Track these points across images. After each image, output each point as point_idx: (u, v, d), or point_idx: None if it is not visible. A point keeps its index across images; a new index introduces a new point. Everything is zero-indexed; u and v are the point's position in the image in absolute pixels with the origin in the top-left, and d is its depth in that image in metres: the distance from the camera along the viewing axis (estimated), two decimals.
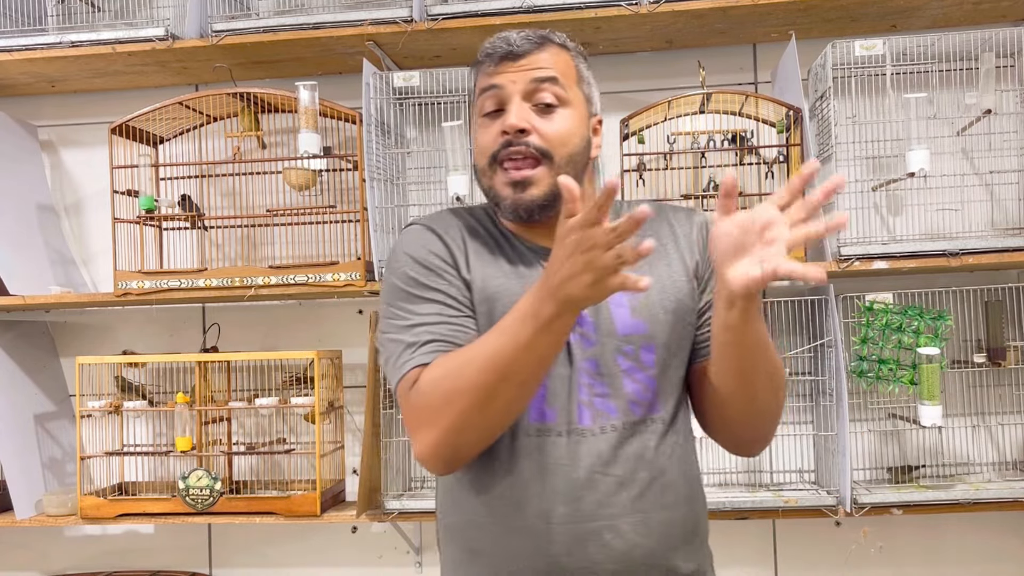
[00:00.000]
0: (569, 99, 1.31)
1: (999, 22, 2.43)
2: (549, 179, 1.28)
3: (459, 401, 1.16)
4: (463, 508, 1.31)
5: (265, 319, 2.67)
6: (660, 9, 2.23)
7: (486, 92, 1.32)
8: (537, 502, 1.25)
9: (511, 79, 1.30)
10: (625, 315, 1.30)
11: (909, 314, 2.18)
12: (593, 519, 1.24)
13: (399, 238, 1.36)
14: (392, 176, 2.41)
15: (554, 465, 1.25)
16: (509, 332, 1.13)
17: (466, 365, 1.16)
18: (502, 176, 1.30)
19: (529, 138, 1.28)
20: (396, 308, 1.28)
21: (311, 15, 2.36)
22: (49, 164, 2.78)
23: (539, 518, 1.25)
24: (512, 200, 1.29)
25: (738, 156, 2.42)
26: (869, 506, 2.17)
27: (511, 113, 1.29)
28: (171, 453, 2.44)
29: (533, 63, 1.31)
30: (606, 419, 1.27)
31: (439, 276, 1.29)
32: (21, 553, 2.74)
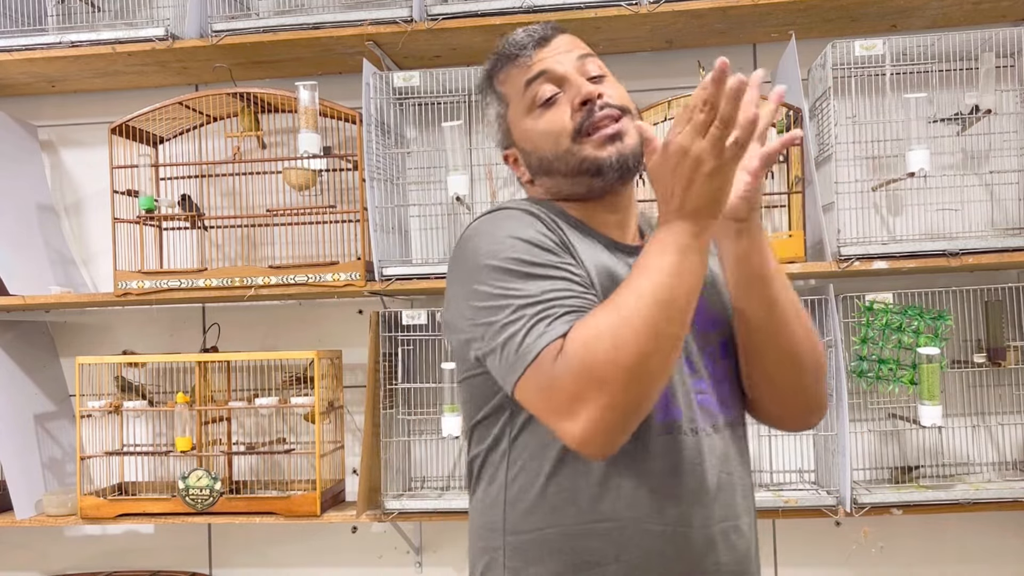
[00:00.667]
0: (606, 71, 1.31)
1: (999, 22, 2.43)
2: (634, 133, 1.24)
3: (627, 350, 1.01)
4: (569, 516, 1.17)
5: (265, 319, 2.67)
6: (660, 9, 2.23)
7: (536, 79, 1.26)
8: (674, 504, 1.17)
9: (556, 60, 1.27)
10: (701, 310, 1.19)
11: (909, 314, 2.18)
12: (723, 520, 1.20)
13: (489, 222, 1.22)
14: (392, 176, 2.41)
15: (688, 465, 1.18)
16: (652, 266, 1.05)
17: (619, 313, 1.03)
18: (593, 140, 1.23)
19: (607, 99, 1.24)
20: (507, 290, 1.12)
21: (311, 15, 2.36)
22: (49, 164, 2.78)
23: (678, 521, 1.17)
24: (616, 152, 1.22)
25: None
26: (869, 506, 2.17)
27: (578, 85, 1.25)
28: (171, 453, 2.44)
29: (564, 45, 1.30)
30: (713, 418, 1.22)
31: (557, 256, 1.16)
32: (21, 553, 2.74)
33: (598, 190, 1.27)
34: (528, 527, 1.20)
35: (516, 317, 1.10)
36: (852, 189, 2.25)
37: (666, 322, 1.03)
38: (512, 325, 1.10)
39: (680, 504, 1.17)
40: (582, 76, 1.26)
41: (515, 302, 1.11)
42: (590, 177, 1.24)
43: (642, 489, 1.16)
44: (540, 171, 1.29)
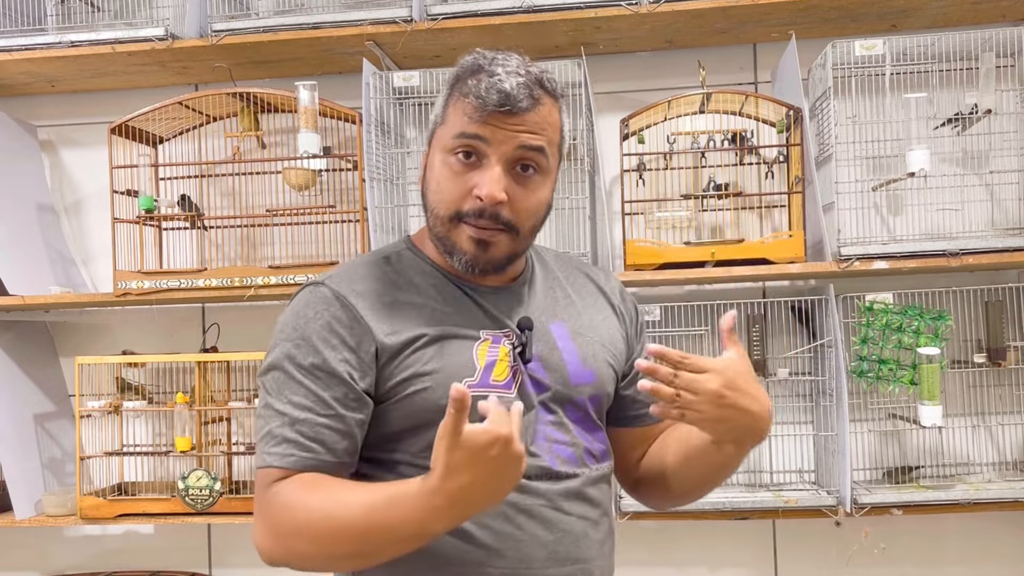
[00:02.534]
0: (548, 168, 1.26)
1: (999, 22, 2.43)
2: (511, 247, 1.25)
3: (306, 544, 1.15)
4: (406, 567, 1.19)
5: (265, 319, 2.66)
6: (660, 9, 2.23)
7: (466, 139, 1.22)
8: (514, 546, 1.21)
9: (499, 137, 1.21)
10: (577, 364, 1.30)
11: (909, 314, 2.18)
12: (571, 562, 1.24)
13: (297, 298, 1.31)
14: (392, 176, 2.41)
15: (533, 508, 1.22)
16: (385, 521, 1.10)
17: (326, 520, 1.13)
18: (465, 231, 1.23)
19: (502, 210, 1.21)
20: (271, 383, 1.25)
21: (311, 15, 2.36)
22: (49, 164, 2.78)
23: (519, 562, 1.21)
24: (471, 256, 1.24)
25: (738, 156, 2.42)
26: (869, 506, 2.17)
27: (491, 180, 1.20)
28: (171, 453, 2.44)
29: (525, 124, 1.21)
30: (571, 466, 1.26)
31: (323, 359, 1.22)
32: (21, 553, 2.74)
33: (460, 268, 1.28)
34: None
35: (264, 416, 1.23)
36: (852, 189, 2.25)
37: (353, 559, 1.17)
38: (260, 420, 1.24)
39: (520, 546, 1.21)
40: (509, 165, 1.22)
41: (269, 399, 1.24)
42: (444, 250, 1.28)
43: (482, 533, 1.20)
44: (424, 202, 1.30)
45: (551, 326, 1.31)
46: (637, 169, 2.36)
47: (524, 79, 1.21)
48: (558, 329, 1.31)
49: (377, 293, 1.26)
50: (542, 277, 1.38)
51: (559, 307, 1.35)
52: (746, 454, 1.25)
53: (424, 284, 1.29)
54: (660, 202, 2.37)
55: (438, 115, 1.28)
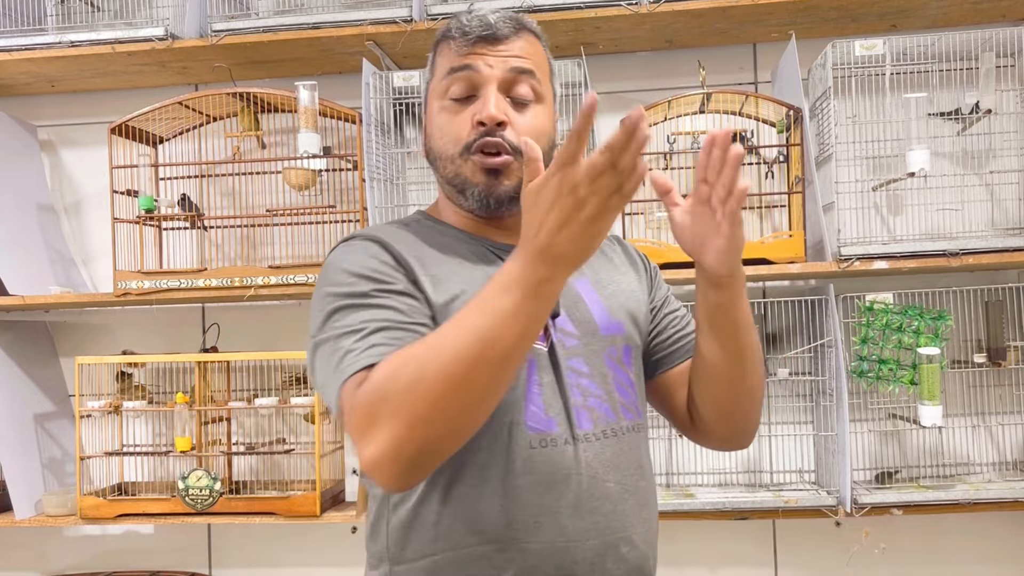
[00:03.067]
0: (543, 95, 1.26)
1: (999, 22, 2.43)
2: (520, 173, 1.21)
3: (427, 386, 0.97)
4: (447, 542, 1.16)
5: (265, 319, 2.67)
6: (660, 9, 2.23)
7: (457, 72, 1.22)
8: (552, 519, 1.15)
9: (488, 63, 1.22)
10: (604, 314, 1.26)
11: (909, 314, 2.18)
12: (611, 532, 1.18)
13: (335, 253, 1.23)
14: (392, 176, 2.41)
15: (564, 476, 1.16)
16: (487, 304, 0.98)
17: (433, 348, 0.99)
18: (474, 162, 1.21)
19: (505, 132, 1.20)
20: (333, 322, 1.13)
21: (311, 15, 2.36)
22: (49, 164, 2.78)
23: (558, 535, 1.15)
24: (484, 187, 1.22)
25: None
26: (869, 506, 2.17)
27: (488, 102, 1.20)
28: (171, 453, 2.44)
29: (511, 50, 1.23)
30: (605, 423, 1.20)
31: (386, 284, 1.16)
32: (21, 553, 2.74)
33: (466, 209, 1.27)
34: (413, 555, 1.21)
35: (334, 347, 1.10)
36: (852, 189, 2.25)
37: (481, 367, 0.97)
38: (328, 356, 1.11)
39: (558, 518, 1.15)
40: (502, 92, 1.22)
41: (334, 333, 1.11)
42: (456, 192, 1.25)
43: (516, 506, 1.14)
44: (430, 157, 1.29)
45: (574, 282, 1.27)
46: None
47: (502, 14, 1.25)
48: (580, 283, 1.28)
49: (410, 247, 1.23)
50: None
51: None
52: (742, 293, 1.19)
53: (450, 244, 1.26)
54: (660, 202, 2.37)
55: (429, 71, 1.29)
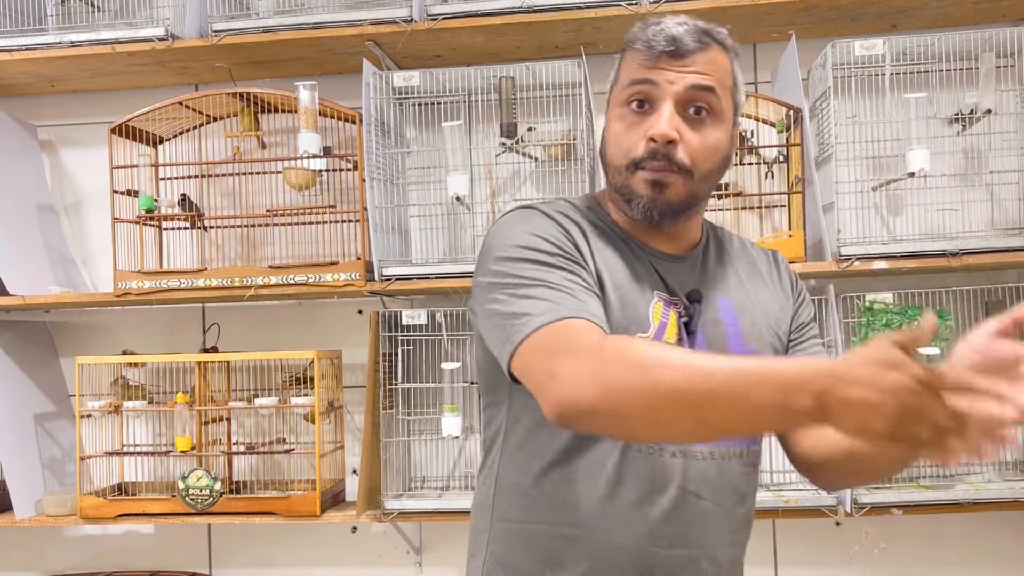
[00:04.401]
0: (722, 111, 1.26)
1: (999, 22, 2.43)
2: (685, 188, 1.24)
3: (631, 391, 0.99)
4: (547, 515, 1.23)
5: (265, 319, 2.67)
6: (660, 9, 2.23)
7: (637, 85, 1.24)
8: (643, 522, 1.20)
9: (668, 78, 1.22)
10: (738, 339, 1.27)
11: (909, 314, 2.18)
12: (697, 546, 1.22)
13: (509, 218, 1.26)
14: (392, 176, 2.41)
15: (665, 485, 1.20)
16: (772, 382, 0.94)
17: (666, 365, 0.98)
18: (641, 175, 1.23)
19: (675, 150, 1.21)
20: (523, 274, 1.15)
21: (311, 15, 2.36)
22: (49, 164, 2.78)
23: (645, 537, 1.20)
24: (649, 199, 1.23)
25: (738, 156, 2.42)
26: (869, 506, 2.17)
27: (662, 119, 1.21)
28: (171, 453, 2.44)
29: (694, 65, 1.23)
30: (715, 445, 1.23)
31: (564, 255, 1.20)
32: (21, 553, 2.74)
33: (630, 214, 1.27)
34: (513, 517, 1.27)
35: (520, 295, 1.13)
36: (852, 189, 2.25)
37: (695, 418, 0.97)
38: (514, 301, 1.13)
39: (651, 523, 1.20)
40: (681, 106, 1.23)
41: (523, 281, 1.14)
42: (623, 200, 1.26)
43: (618, 502, 1.20)
44: (603, 160, 1.31)
45: (718, 301, 1.29)
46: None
47: (690, 26, 1.25)
48: (724, 305, 1.29)
49: (579, 227, 1.26)
50: (715, 252, 1.36)
51: (728, 283, 1.32)
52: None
53: (606, 235, 1.29)
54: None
55: (613, 77, 1.32)
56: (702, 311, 1.26)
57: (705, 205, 1.33)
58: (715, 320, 1.27)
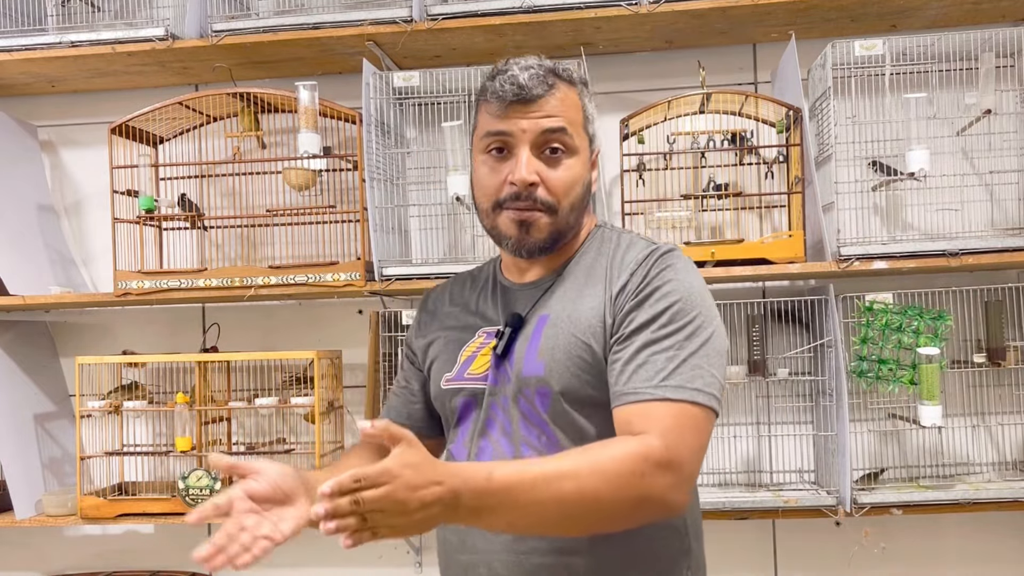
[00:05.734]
0: (576, 147, 1.34)
1: (999, 22, 2.43)
2: (552, 226, 1.33)
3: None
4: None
5: (265, 319, 2.67)
6: (660, 9, 2.23)
7: (493, 136, 1.33)
8: (442, 532, 1.38)
9: (521, 127, 1.31)
10: (532, 356, 1.31)
11: (909, 314, 2.18)
12: (475, 552, 1.32)
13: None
14: (392, 176, 2.41)
15: None
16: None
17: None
18: (507, 216, 1.33)
19: (536, 191, 1.31)
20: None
21: (311, 15, 2.36)
22: (49, 164, 2.78)
23: (442, 543, 1.39)
24: (516, 239, 1.33)
25: (738, 156, 2.42)
26: (869, 506, 2.17)
27: (520, 165, 1.30)
28: (171, 453, 2.44)
29: (543, 109, 1.31)
30: (502, 458, 1.30)
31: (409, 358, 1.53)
32: (21, 553, 2.74)
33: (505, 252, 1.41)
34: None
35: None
36: (852, 189, 2.25)
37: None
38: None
39: (446, 531, 1.37)
40: (537, 149, 1.31)
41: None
42: (495, 241, 1.39)
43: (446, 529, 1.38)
44: (473, 202, 1.41)
45: (538, 319, 1.34)
46: (637, 169, 2.36)
47: (536, 70, 1.32)
48: (541, 321, 1.34)
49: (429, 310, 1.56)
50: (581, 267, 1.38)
51: (564, 298, 1.35)
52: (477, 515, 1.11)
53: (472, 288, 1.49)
54: (660, 202, 2.37)
55: (472, 124, 1.41)
56: (522, 333, 1.34)
57: (578, 230, 1.40)
58: (527, 336, 1.33)
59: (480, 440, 1.33)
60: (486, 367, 1.34)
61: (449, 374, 1.39)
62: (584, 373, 1.28)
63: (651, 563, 1.31)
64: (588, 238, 1.42)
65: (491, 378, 1.34)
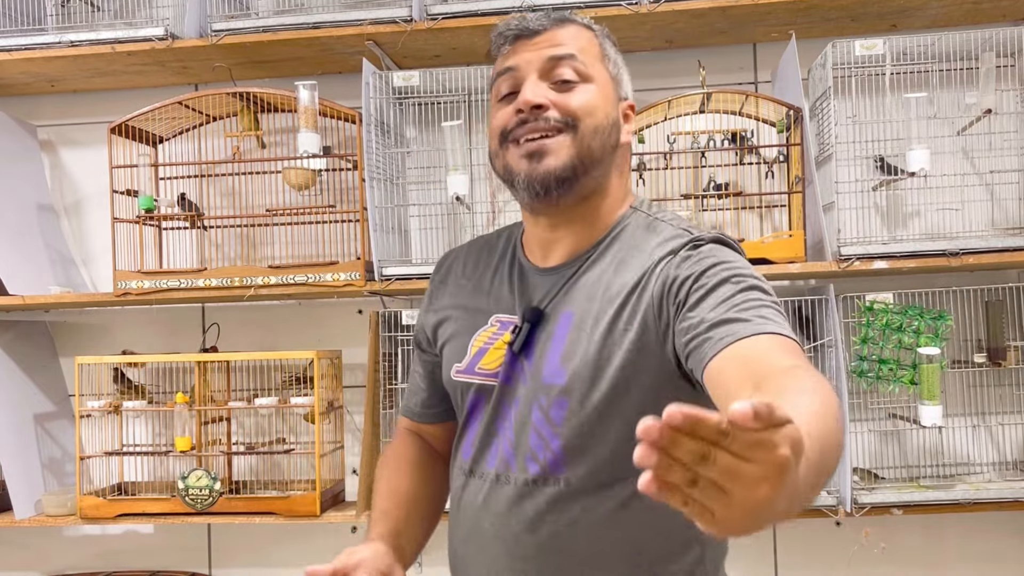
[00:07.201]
0: (591, 75, 1.20)
1: (999, 22, 2.43)
2: (570, 148, 1.16)
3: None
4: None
5: (265, 319, 2.66)
6: (660, 9, 2.23)
7: (501, 76, 1.23)
8: (451, 536, 1.32)
9: (526, 59, 1.20)
10: (555, 362, 1.18)
11: (909, 314, 2.18)
12: (482, 566, 1.25)
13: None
14: (392, 176, 2.41)
15: (466, 506, 1.27)
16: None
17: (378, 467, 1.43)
18: (515, 150, 1.19)
19: (548, 113, 1.17)
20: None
21: (311, 15, 2.36)
22: (49, 164, 2.77)
23: (451, 553, 1.32)
24: (527, 173, 1.17)
25: (738, 156, 2.42)
26: (869, 506, 2.17)
27: (526, 90, 1.18)
28: (171, 453, 2.44)
29: (550, 40, 1.20)
30: (504, 467, 1.21)
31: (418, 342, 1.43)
32: (21, 553, 2.74)
33: (523, 204, 1.25)
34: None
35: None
36: (852, 189, 2.25)
37: None
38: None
39: (453, 539, 1.31)
40: (546, 79, 1.19)
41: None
42: (510, 185, 1.23)
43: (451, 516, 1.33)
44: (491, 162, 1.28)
45: (562, 315, 1.20)
46: (637, 169, 2.36)
47: (545, 11, 1.27)
48: (565, 319, 1.20)
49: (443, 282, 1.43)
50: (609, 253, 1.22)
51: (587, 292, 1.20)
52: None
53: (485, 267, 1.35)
54: (660, 202, 2.37)
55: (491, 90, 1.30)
56: (543, 327, 1.20)
57: (606, 185, 1.22)
58: (549, 335, 1.19)
59: (489, 443, 1.24)
60: (499, 362, 1.22)
61: (459, 365, 1.28)
62: (604, 383, 1.15)
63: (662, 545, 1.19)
64: (621, 220, 1.24)
65: (503, 375, 1.22)
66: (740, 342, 0.99)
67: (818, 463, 0.78)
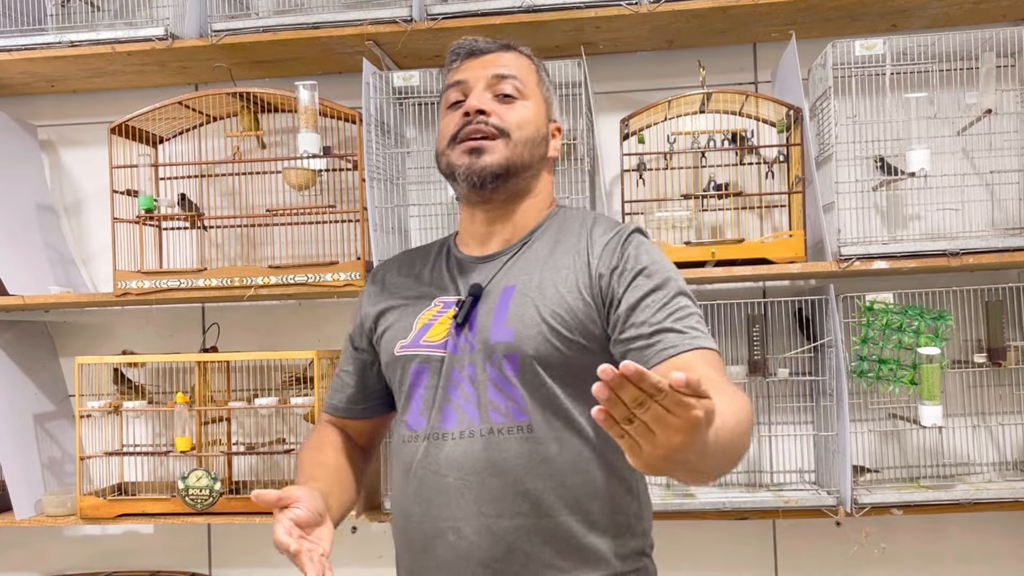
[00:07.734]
0: (528, 95, 1.44)
1: (999, 22, 2.43)
2: (504, 152, 1.38)
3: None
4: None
5: (265, 319, 2.67)
6: (660, 9, 2.23)
7: (451, 88, 1.44)
8: (402, 501, 1.39)
9: (475, 74, 1.43)
10: (500, 323, 1.35)
11: (909, 314, 2.18)
12: (441, 520, 1.33)
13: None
14: (392, 176, 2.41)
15: (416, 468, 1.36)
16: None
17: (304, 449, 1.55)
18: (459, 148, 1.39)
19: (490, 119, 1.39)
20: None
21: (311, 15, 2.36)
22: (48, 164, 2.77)
23: (404, 517, 1.39)
24: (466, 166, 1.38)
25: (738, 156, 2.42)
26: (869, 506, 2.17)
27: (472, 97, 1.40)
28: (171, 453, 2.44)
29: (496, 61, 1.44)
30: (468, 424, 1.33)
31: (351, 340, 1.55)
32: (21, 553, 2.74)
33: (463, 196, 1.46)
34: None
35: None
36: (852, 189, 2.25)
37: None
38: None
39: (405, 501, 1.39)
40: (489, 92, 1.41)
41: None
42: (452, 180, 1.43)
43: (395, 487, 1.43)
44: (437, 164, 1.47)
45: (503, 290, 1.38)
46: (637, 169, 2.36)
47: (492, 39, 1.47)
48: (506, 292, 1.38)
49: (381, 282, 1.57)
50: (544, 240, 1.44)
51: (527, 270, 1.40)
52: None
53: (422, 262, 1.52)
54: (660, 202, 2.37)
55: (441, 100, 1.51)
56: (485, 302, 1.38)
57: (535, 186, 1.46)
58: (489, 309, 1.37)
59: (443, 407, 1.36)
60: (444, 335, 1.38)
61: (404, 341, 1.42)
62: (555, 338, 1.32)
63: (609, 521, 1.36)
64: (549, 216, 1.47)
65: (450, 345, 1.37)
66: (678, 356, 1.25)
67: (725, 443, 1.03)
